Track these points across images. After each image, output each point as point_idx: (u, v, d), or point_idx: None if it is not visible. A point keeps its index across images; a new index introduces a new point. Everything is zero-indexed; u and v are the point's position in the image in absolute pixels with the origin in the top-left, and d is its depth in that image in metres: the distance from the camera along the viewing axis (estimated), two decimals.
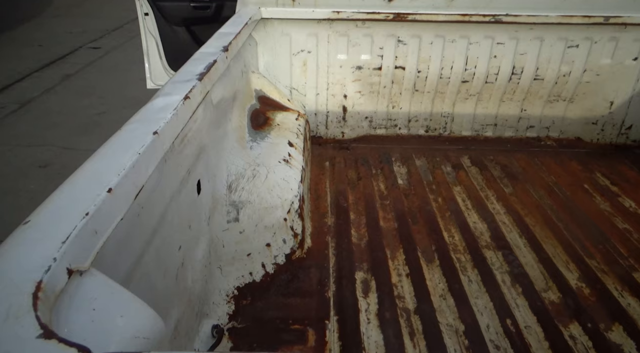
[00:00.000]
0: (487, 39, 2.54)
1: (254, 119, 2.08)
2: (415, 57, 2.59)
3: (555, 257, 1.85)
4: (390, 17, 2.45)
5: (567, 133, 2.77)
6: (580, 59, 2.55)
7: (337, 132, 2.79)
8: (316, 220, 2.06)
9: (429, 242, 1.94)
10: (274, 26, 2.52)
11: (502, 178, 2.42)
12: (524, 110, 2.74)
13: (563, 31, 2.49)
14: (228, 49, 1.68)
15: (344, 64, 2.62)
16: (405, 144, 2.77)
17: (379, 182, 2.38)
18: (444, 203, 2.20)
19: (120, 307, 0.61)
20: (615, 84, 2.60)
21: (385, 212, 2.13)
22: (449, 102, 2.73)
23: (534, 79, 2.62)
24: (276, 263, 1.71)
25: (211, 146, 1.58)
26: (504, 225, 2.04)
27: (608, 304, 1.62)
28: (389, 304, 1.62)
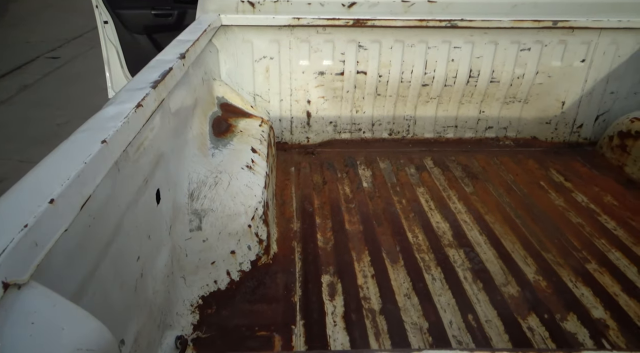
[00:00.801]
0: (444, 43, 2.62)
1: (216, 126, 2.07)
2: (376, 61, 2.64)
3: (514, 253, 1.91)
4: (350, 23, 2.49)
5: (524, 133, 2.88)
6: (532, 62, 2.66)
7: (302, 138, 2.80)
8: (282, 225, 2.06)
9: (394, 242, 1.97)
10: (234, 33, 2.52)
11: (463, 178, 2.49)
12: (482, 112, 2.83)
13: (515, 35, 2.59)
14: (185, 56, 1.67)
15: (307, 69, 2.64)
16: (370, 148, 2.81)
17: (344, 186, 2.40)
18: (407, 205, 2.24)
19: (63, 320, 0.60)
20: (566, 85, 2.72)
21: (351, 215, 2.15)
22: (410, 105, 2.79)
23: (490, 81, 2.71)
24: (241, 271, 1.70)
25: (171, 154, 1.56)
26: (465, 224, 2.10)
27: (563, 295, 1.68)
28: (355, 306, 1.63)
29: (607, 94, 2.74)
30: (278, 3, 2.48)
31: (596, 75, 2.69)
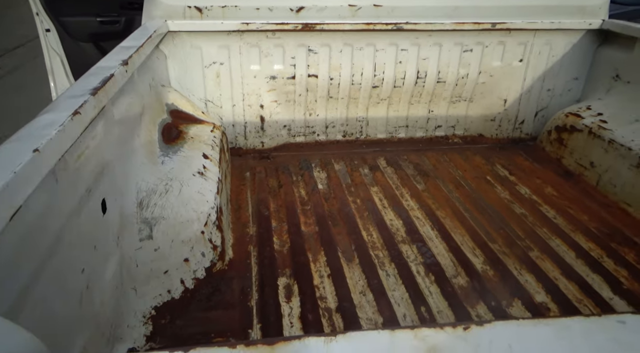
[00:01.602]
0: (391, 46, 2.70)
1: (166, 133, 2.04)
2: (327, 65, 2.68)
3: (463, 245, 1.99)
4: (299, 27, 2.52)
5: (470, 130, 3.00)
6: (475, 62, 2.79)
7: (256, 142, 2.80)
8: (237, 230, 2.05)
9: (349, 242, 2.00)
10: (183, 39, 2.49)
11: (415, 176, 2.56)
12: (431, 112, 2.93)
13: (458, 37, 2.71)
14: (128, 62, 1.63)
15: (258, 74, 2.64)
16: (325, 150, 2.84)
17: (299, 189, 2.42)
18: (362, 204, 2.28)
19: None
20: (507, 84, 2.87)
21: (307, 217, 2.17)
22: (362, 107, 2.85)
23: (437, 81, 2.81)
24: (196, 278, 1.68)
25: (117, 163, 1.52)
26: (417, 220, 2.16)
27: (509, 282, 1.77)
28: (311, 306, 1.65)
29: (544, 91, 2.90)
30: (226, 8, 2.48)
31: (534, 74, 2.85)
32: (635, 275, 1.80)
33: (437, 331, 0.56)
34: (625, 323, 0.58)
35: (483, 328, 0.57)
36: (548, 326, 0.57)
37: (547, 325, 0.57)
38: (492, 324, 0.57)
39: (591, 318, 0.59)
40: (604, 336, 0.56)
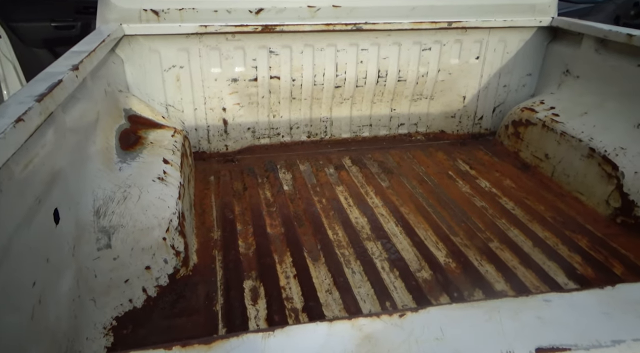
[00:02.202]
0: (352, 46, 2.73)
1: (124, 139, 1.99)
2: (288, 66, 2.69)
3: (427, 239, 2.03)
4: (259, 29, 2.52)
5: (432, 127, 3.07)
6: (434, 60, 2.85)
7: (220, 146, 2.78)
8: (202, 235, 2.03)
9: (315, 241, 2.01)
10: (139, 43, 2.44)
11: (380, 173, 2.60)
12: (393, 110, 2.97)
13: (416, 36, 2.76)
14: (79, 67, 1.59)
15: (219, 77, 2.62)
16: (290, 151, 2.84)
17: (265, 191, 2.41)
18: (327, 203, 2.30)
19: None
20: (465, 81, 2.95)
21: (272, 219, 2.16)
22: (325, 107, 2.87)
23: (398, 80, 2.86)
24: (159, 286, 1.65)
25: (70, 171, 1.48)
26: (382, 217, 2.19)
27: (470, 274, 1.82)
28: (278, 307, 1.65)
29: (500, 87, 3.00)
30: (183, 11, 2.45)
31: (490, 71, 2.94)
32: (588, 261, 1.88)
33: (373, 320, 0.58)
34: (551, 302, 0.61)
35: (418, 314, 0.59)
36: (479, 308, 0.60)
37: (479, 308, 0.60)
38: (426, 310, 0.59)
39: (519, 298, 0.62)
40: (530, 314, 0.58)
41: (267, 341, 0.55)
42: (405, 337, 0.55)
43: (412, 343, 0.54)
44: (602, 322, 0.57)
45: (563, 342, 0.54)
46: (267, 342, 0.55)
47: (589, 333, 0.55)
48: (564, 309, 0.59)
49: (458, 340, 0.55)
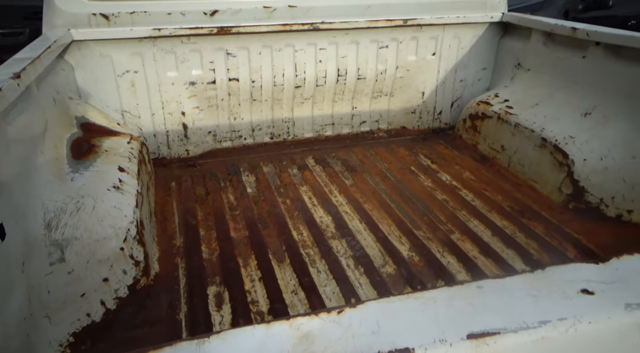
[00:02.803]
0: (310, 46, 2.73)
1: (76, 148, 1.92)
2: (247, 68, 2.66)
3: (390, 235, 2.06)
4: (215, 31, 2.48)
5: (394, 124, 3.11)
6: (391, 58, 2.89)
7: (180, 151, 2.72)
8: (163, 243, 1.98)
9: (280, 243, 2.00)
10: (90, 48, 2.36)
11: (343, 172, 2.61)
12: (355, 108, 3.00)
13: (373, 34, 2.79)
14: (20, 75, 1.52)
15: (176, 81, 2.57)
16: (253, 153, 2.82)
17: (228, 194, 2.38)
18: (292, 204, 2.29)
19: None
20: (423, 77, 3.00)
21: (236, 222, 2.14)
22: (287, 107, 2.86)
23: (358, 78, 2.88)
24: (118, 298, 1.60)
25: (15, 183, 1.41)
26: (346, 215, 2.21)
27: (433, 266, 1.85)
28: (243, 311, 1.63)
29: (457, 82, 3.07)
30: (135, 14, 2.39)
31: (446, 66, 3.00)
32: (543, 246, 1.95)
33: (311, 318, 0.58)
34: (483, 288, 0.63)
35: (356, 309, 0.59)
36: (415, 300, 0.61)
37: (415, 299, 0.61)
38: (364, 305, 0.60)
39: (455, 287, 0.64)
40: (464, 301, 0.60)
41: (202, 348, 0.54)
42: (343, 332, 0.55)
43: (349, 339, 0.54)
44: (530, 304, 0.59)
45: (493, 326, 0.56)
46: (201, 349, 0.54)
47: (518, 316, 0.57)
48: (495, 295, 0.61)
49: (394, 332, 0.56)
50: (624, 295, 0.59)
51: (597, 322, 0.56)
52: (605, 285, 0.60)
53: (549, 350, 0.56)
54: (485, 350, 0.54)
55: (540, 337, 0.55)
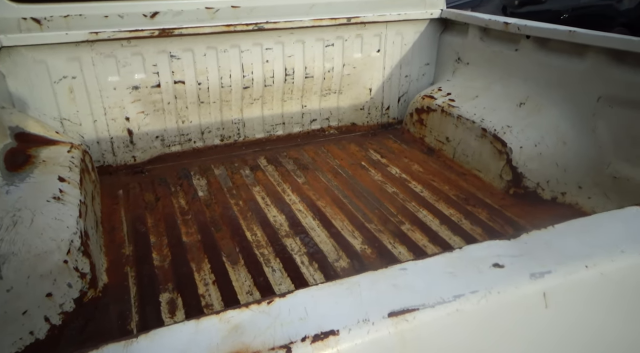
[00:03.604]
0: (256, 46, 2.72)
1: (10, 159, 1.83)
2: (192, 70, 2.62)
3: (343, 229, 2.09)
4: (156, 33, 2.43)
5: (344, 121, 3.16)
6: (338, 56, 2.93)
7: (127, 157, 2.64)
8: (112, 253, 1.92)
9: (233, 244, 1.99)
10: (22, 54, 2.25)
11: (295, 170, 2.63)
12: (304, 107, 3.02)
13: (318, 33, 2.82)
14: None
15: (118, 85, 2.49)
16: (203, 156, 2.78)
17: (179, 199, 2.34)
18: (245, 205, 2.28)
19: None
20: (369, 73, 3.07)
21: (188, 227, 2.11)
22: (236, 108, 2.84)
23: (305, 77, 2.91)
24: (64, 312, 1.54)
25: None
26: (299, 212, 2.22)
27: (385, 257, 1.91)
28: (197, 316, 1.61)
29: (402, 78, 3.16)
30: (69, 18, 2.29)
31: (391, 63, 3.08)
32: (487, 231, 2.05)
33: (241, 311, 0.59)
34: (406, 269, 0.66)
35: (285, 299, 0.61)
36: (341, 285, 0.64)
37: (341, 285, 0.64)
38: (293, 294, 0.62)
39: (379, 271, 0.67)
40: (387, 283, 0.63)
41: (129, 349, 0.54)
42: (272, 321, 0.57)
43: (278, 327, 0.56)
44: (447, 281, 0.63)
45: (413, 303, 0.59)
46: (129, 350, 0.54)
47: (435, 293, 0.61)
48: (416, 275, 0.65)
49: (320, 316, 0.58)
50: (529, 266, 0.64)
51: (506, 291, 0.61)
52: (514, 259, 0.66)
53: (463, 321, 0.60)
54: (405, 326, 0.57)
55: (455, 310, 0.59)
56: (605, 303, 0.65)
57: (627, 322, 0.66)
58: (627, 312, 0.64)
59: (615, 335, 0.66)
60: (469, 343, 0.62)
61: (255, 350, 0.54)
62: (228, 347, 0.54)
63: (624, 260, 0.65)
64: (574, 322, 0.65)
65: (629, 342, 0.66)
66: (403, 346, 0.57)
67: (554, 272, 0.63)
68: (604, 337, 0.66)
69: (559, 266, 0.63)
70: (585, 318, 0.65)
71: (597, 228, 0.72)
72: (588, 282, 0.63)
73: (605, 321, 0.66)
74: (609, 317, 0.65)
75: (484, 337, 0.62)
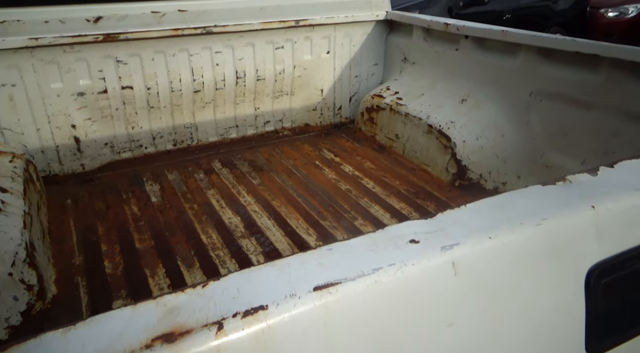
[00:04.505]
0: (205, 50, 2.72)
1: None
2: (140, 75, 2.59)
3: (298, 228, 2.14)
4: (100, 38, 2.38)
5: (297, 122, 3.21)
6: (288, 58, 2.98)
7: (75, 166, 2.57)
8: (61, 263, 1.88)
9: (188, 248, 1.99)
10: None
11: (250, 172, 2.65)
12: (257, 109, 3.04)
13: (268, 36, 2.85)
14: None
15: (62, 92, 2.42)
16: (156, 162, 2.75)
17: (131, 206, 2.30)
18: (199, 209, 2.28)
19: None
20: (320, 75, 3.13)
21: (141, 233, 2.08)
22: (188, 112, 2.83)
23: (257, 79, 2.93)
24: (10, 326, 1.50)
25: None
26: (255, 213, 2.25)
27: None
28: None
29: (352, 78, 3.25)
30: (6, 24, 2.21)
31: (341, 64, 3.16)
32: None
33: (177, 295, 0.63)
34: (332, 250, 0.72)
35: (219, 281, 0.65)
36: (273, 266, 0.68)
37: (272, 266, 0.68)
38: (227, 277, 0.66)
39: (307, 252, 0.72)
40: (314, 263, 0.69)
41: (67, 336, 0.56)
42: (206, 302, 0.61)
43: (211, 306, 0.60)
44: (368, 257, 0.69)
45: (336, 277, 0.65)
46: (67, 337, 0.56)
47: (357, 268, 0.67)
48: (341, 254, 0.71)
49: (251, 294, 0.62)
50: (441, 240, 0.72)
51: (420, 263, 0.68)
52: (428, 235, 0.73)
53: (382, 291, 0.66)
54: (329, 298, 0.63)
55: (374, 281, 0.65)
56: (505, 269, 0.73)
57: (523, 283, 0.74)
58: (523, 274, 0.73)
59: (513, 295, 0.75)
60: (388, 310, 0.68)
61: (189, 328, 0.57)
62: (163, 327, 0.57)
63: (522, 231, 0.74)
64: (480, 285, 0.73)
65: (524, 299, 0.75)
66: (327, 316, 0.63)
67: (462, 243, 0.71)
68: (505, 297, 0.75)
69: (466, 239, 0.72)
70: (489, 282, 0.74)
71: (504, 205, 0.81)
72: (491, 251, 0.72)
73: (505, 283, 0.74)
74: (508, 279, 0.74)
75: (401, 304, 0.69)
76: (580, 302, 0.76)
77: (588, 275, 0.76)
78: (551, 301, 0.75)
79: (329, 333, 0.63)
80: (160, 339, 0.56)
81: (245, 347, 0.58)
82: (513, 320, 0.74)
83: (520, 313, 0.74)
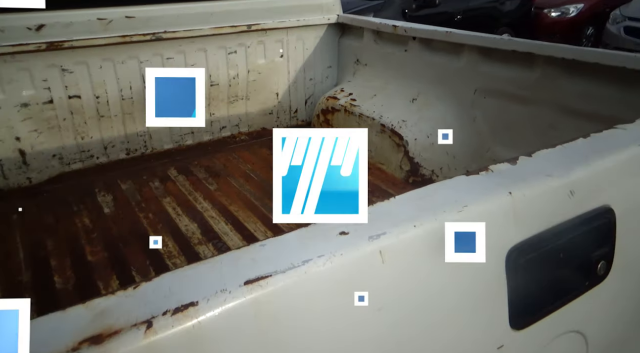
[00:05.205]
0: (156, 56, 2.68)
1: None
2: (88, 83, 2.52)
3: (256, 231, 2.14)
4: (43, 47, 2.31)
5: (254, 126, 3.21)
6: (241, 62, 2.98)
7: (21, 180, 2.47)
8: (6, 281, 1.81)
9: (144, 258, 1.96)
10: None
11: (207, 178, 2.63)
12: (212, 115, 3.02)
13: (220, 41, 2.85)
14: None
15: (4, 104, 2.33)
16: (109, 172, 2.68)
17: (82, 218, 2.24)
18: (155, 217, 2.25)
19: None
20: (275, 78, 3.15)
21: (93, 246, 2.03)
22: (140, 120, 2.77)
23: (211, 85, 2.91)
24: None
25: None
26: (212, 219, 2.23)
27: None
28: None
29: (307, 81, 3.28)
30: None
31: (295, 67, 3.19)
32: None
33: (108, 297, 0.63)
34: (265, 245, 0.74)
35: (151, 282, 0.66)
36: (205, 264, 0.70)
37: (205, 264, 0.70)
38: (160, 277, 0.67)
39: (241, 249, 0.74)
40: (246, 258, 0.71)
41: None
42: (136, 303, 0.61)
43: (142, 306, 0.61)
44: (299, 250, 0.72)
45: (266, 271, 0.67)
46: None
47: (287, 261, 0.69)
48: (273, 249, 0.73)
49: (182, 292, 0.63)
50: (369, 230, 0.76)
51: (348, 253, 0.71)
52: (358, 226, 0.77)
53: (312, 281, 0.69)
54: (260, 291, 0.64)
55: (304, 272, 0.68)
56: (430, 254, 0.78)
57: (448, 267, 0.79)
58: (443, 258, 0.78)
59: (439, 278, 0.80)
60: (317, 300, 0.71)
61: (117, 328, 0.57)
62: (91, 330, 0.57)
63: (444, 217, 0.78)
64: (407, 271, 0.77)
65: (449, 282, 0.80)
66: (258, 309, 0.64)
67: (388, 233, 0.74)
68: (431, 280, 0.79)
69: (393, 228, 0.76)
70: (415, 267, 0.78)
71: (429, 195, 0.86)
72: (416, 238, 0.76)
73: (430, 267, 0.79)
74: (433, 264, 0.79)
75: (330, 293, 0.71)
76: (502, 281, 0.82)
77: (508, 256, 0.82)
78: (475, 282, 0.80)
79: (260, 324, 0.65)
80: (88, 341, 0.56)
81: (175, 343, 0.59)
82: (439, 302, 0.79)
83: (446, 295, 0.79)
